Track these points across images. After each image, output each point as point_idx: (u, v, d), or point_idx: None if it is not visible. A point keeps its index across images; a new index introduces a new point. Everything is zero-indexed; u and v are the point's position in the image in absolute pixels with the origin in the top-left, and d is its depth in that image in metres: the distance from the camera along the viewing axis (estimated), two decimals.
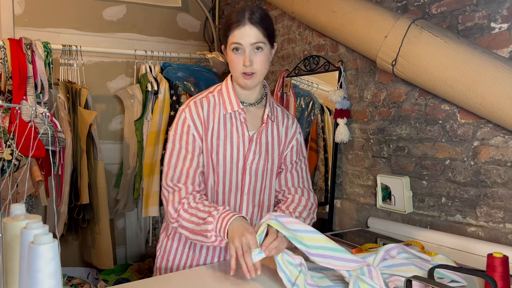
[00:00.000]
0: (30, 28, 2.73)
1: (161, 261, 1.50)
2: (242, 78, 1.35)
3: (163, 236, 1.52)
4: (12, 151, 2.08)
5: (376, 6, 1.96)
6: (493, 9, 1.60)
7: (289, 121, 1.53)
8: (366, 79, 2.14)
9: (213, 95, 1.42)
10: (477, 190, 1.67)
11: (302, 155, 1.56)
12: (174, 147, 1.38)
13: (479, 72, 1.51)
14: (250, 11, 1.32)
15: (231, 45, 1.33)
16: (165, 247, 1.50)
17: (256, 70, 1.33)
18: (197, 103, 1.40)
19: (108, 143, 3.02)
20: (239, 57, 1.32)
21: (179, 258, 1.47)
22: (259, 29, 1.31)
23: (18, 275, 0.90)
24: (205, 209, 1.29)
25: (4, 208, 1.18)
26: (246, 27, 1.30)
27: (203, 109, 1.39)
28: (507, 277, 1.12)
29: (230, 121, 1.40)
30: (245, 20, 1.30)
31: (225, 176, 1.41)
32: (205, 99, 1.41)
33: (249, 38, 1.30)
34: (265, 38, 1.33)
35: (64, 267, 2.60)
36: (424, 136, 1.86)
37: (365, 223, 2.08)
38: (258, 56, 1.33)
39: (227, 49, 1.36)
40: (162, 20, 3.22)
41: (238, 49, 1.32)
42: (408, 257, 1.28)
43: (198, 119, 1.38)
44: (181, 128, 1.38)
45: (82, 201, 2.52)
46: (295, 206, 1.46)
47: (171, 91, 2.78)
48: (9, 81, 2.32)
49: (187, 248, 1.47)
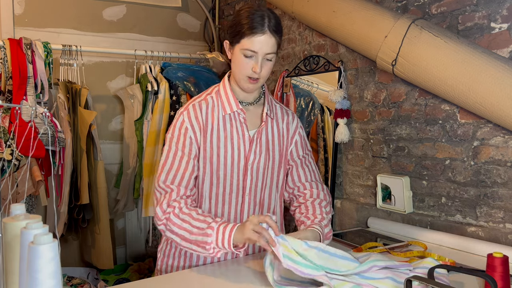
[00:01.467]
0: (30, 28, 2.73)
1: (161, 263, 1.50)
2: (247, 82, 1.35)
3: (164, 238, 1.51)
4: (12, 151, 2.08)
5: (376, 6, 1.96)
6: (493, 9, 1.60)
7: (289, 117, 1.54)
8: (366, 79, 2.14)
9: (211, 96, 1.42)
10: (477, 190, 1.67)
11: (308, 149, 1.57)
12: (170, 150, 1.37)
13: (479, 72, 1.51)
14: (268, 17, 1.29)
15: (243, 50, 1.30)
16: (165, 249, 1.49)
17: (262, 76, 1.34)
18: (195, 106, 1.39)
19: (108, 143, 3.02)
20: (249, 62, 1.31)
21: (178, 260, 1.46)
22: (276, 38, 1.31)
23: (18, 275, 0.90)
24: (200, 218, 1.27)
25: (4, 208, 1.18)
26: (266, 36, 1.28)
27: (202, 111, 1.39)
28: (507, 277, 1.12)
29: (230, 122, 1.40)
30: (264, 29, 1.28)
31: (226, 177, 1.40)
32: (203, 101, 1.41)
33: (266, 48, 1.29)
34: (277, 47, 1.34)
35: (64, 267, 2.60)
36: (424, 136, 1.86)
37: (365, 223, 2.08)
38: (268, 65, 1.34)
39: (235, 49, 1.33)
40: (162, 20, 3.22)
41: (251, 56, 1.31)
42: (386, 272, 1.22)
43: (196, 122, 1.37)
44: (178, 130, 1.37)
45: (82, 201, 2.52)
46: (320, 201, 1.47)
47: (171, 91, 2.78)
48: (9, 81, 2.32)
49: None
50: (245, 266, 1.39)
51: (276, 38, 1.31)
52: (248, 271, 1.33)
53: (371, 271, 1.18)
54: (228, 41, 1.37)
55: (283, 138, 1.50)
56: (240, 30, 1.30)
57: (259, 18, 1.28)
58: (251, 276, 1.29)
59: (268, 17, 1.29)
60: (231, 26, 1.35)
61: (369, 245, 1.62)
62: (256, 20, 1.28)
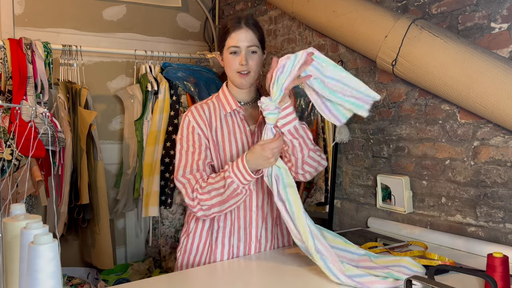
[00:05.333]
0: (30, 28, 2.73)
1: (182, 260, 1.56)
2: (238, 77, 1.48)
3: (184, 237, 1.59)
4: (12, 151, 2.08)
5: (376, 6, 1.96)
6: (493, 9, 1.60)
7: None
8: (366, 79, 2.14)
9: (212, 101, 1.57)
10: (477, 190, 1.67)
11: None
12: (182, 148, 1.48)
13: (479, 72, 1.51)
14: (245, 17, 1.48)
15: (228, 49, 1.46)
16: (185, 246, 1.56)
17: (251, 69, 1.47)
18: (198, 107, 1.54)
19: (108, 143, 3.02)
20: (235, 58, 1.46)
21: (200, 255, 1.53)
22: (254, 32, 1.47)
23: (18, 275, 0.90)
24: (217, 179, 1.37)
25: (4, 208, 1.18)
26: (243, 30, 1.45)
27: (205, 112, 1.52)
28: (507, 277, 1.12)
29: (231, 119, 1.54)
30: (241, 24, 1.46)
31: None
32: (205, 104, 1.55)
33: (246, 41, 1.45)
34: (259, 42, 1.48)
35: (64, 267, 2.60)
36: (424, 136, 1.86)
37: (365, 223, 2.08)
38: (253, 58, 1.47)
39: (224, 53, 1.49)
40: (162, 20, 3.22)
41: (235, 52, 1.46)
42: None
43: (201, 120, 1.50)
44: (186, 130, 1.50)
45: (82, 201, 2.52)
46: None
47: (171, 91, 2.78)
48: (9, 81, 2.32)
49: (207, 245, 1.53)
50: (248, 266, 1.39)
51: (255, 32, 1.47)
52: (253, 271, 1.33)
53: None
54: (219, 51, 1.54)
55: None
56: (223, 34, 1.49)
57: (236, 19, 1.48)
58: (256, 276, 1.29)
59: (245, 17, 1.48)
60: (218, 37, 1.51)
61: (369, 245, 1.62)
62: (234, 21, 1.47)
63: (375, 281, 1.20)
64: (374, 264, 1.30)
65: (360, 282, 1.20)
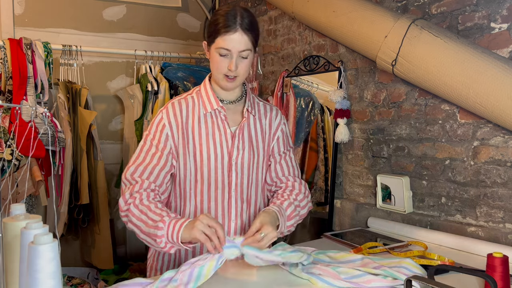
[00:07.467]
0: (30, 28, 2.73)
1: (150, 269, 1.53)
2: (224, 80, 1.36)
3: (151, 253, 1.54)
4: (12, 151, 2.08)
5: (376, 6, 1.96)
6: (493, 9, 1.60)
7: (272, 113, 1.53)
8: (366, 79, 2.14)
9: (192, 96, 1.44)
10: (477, 190, 1.67)
11: (289, 145, 1.56)
12: (144, 145, 1.39)
13: (479, 72, 1.51)
14: (241, 16, 1.30)
15: (218, 49, 1.32)
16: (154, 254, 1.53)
17: (239, 74, 1.35)
18: (175, 104, 1.41)
19: (108, 143, 3.02)
20: (224, 60, 1.33)
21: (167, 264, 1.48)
22: (249, 36, 1.31)
23: (18, 275, 0.90)
24: (157, 212, 1.25)
25: (4, 208, 1.18)
26: (237, 33, 1.29)
27: (182, 110, 1.40)
28: (507, 277, 1.12)
29: (211, 120, 1.41)
30: (236, 26, 1.29)
31: (210, 174, 1.39)
32: (183, 100, 1.42)
33: (239, 46, 1.30)
34: (252, 45, 1.34)
35: (64, 267, 2.60)
36: (424, 136, 1.86)
37: (365, 223, 2.08)
38: (244, 62, 1.34)
39: (212, 49, 1.35)
40: (162, 20, 3.22)
41: (225, 55, 1.32)
42: None
43: (175, 119, 1.38)
44: (155, 127, 1.39)
45: (82, 201, 2.52)
46: (297, 192, 1.48)
47: (171, 91, 2.78)
48: (9, 81, 2.32)
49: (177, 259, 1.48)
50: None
51: (249, 35, 1.31)
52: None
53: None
54: (206, 41, 1.39)
55: (266, 135, 1.50)
56: (214, 30, 1.32)
57: (231, 17, 1.30)
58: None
59: (241, 16, 1.30)
60: (207, 27, 1.37)
61: (369, 245, 1.61)
62: (229, 19, 1.30)
63: (373, 280, 1.19)
64: (376, 264, 1.29)
65: (358, 282, 1.19)
